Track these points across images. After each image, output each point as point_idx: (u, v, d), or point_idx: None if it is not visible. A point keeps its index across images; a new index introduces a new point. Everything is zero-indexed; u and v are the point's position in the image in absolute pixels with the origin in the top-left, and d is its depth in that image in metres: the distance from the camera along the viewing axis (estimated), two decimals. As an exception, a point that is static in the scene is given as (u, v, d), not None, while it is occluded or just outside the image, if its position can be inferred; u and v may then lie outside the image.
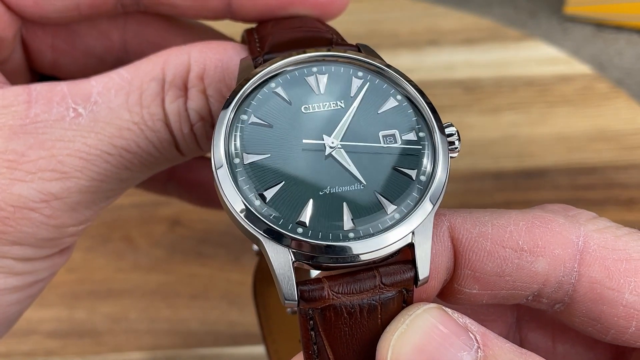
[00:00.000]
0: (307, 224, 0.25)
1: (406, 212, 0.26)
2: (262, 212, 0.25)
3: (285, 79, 0.28)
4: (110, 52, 0.38)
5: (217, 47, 0.32)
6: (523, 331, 0.33)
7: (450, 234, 0.27)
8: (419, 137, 0.27)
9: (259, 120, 0.27)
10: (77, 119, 0.30)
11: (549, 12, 0.79)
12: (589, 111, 0.64)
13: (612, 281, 0.26)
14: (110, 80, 0.31)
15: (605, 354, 0.31)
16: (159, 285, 0.54)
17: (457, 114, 0.64)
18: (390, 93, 0.28)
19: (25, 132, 0.30)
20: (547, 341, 0.32)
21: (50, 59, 0.38)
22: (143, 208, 0.58)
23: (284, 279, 0.24)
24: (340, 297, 0.24)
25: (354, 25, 0.71)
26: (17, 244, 0.31)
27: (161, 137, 0.31)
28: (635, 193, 0.59)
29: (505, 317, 0.33)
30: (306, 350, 0.25)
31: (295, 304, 0.24)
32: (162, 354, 0.51)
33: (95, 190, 0.31)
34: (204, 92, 0.31)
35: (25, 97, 0.30)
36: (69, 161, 0.30)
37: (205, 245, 0.57)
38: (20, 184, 0.30)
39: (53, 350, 0.52)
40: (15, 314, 0.33)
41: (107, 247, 0.57)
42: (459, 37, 0.71)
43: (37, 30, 0.37)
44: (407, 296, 0.25)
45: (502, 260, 0.26)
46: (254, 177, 0.26)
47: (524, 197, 0.59)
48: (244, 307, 0.53)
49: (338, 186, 0.26)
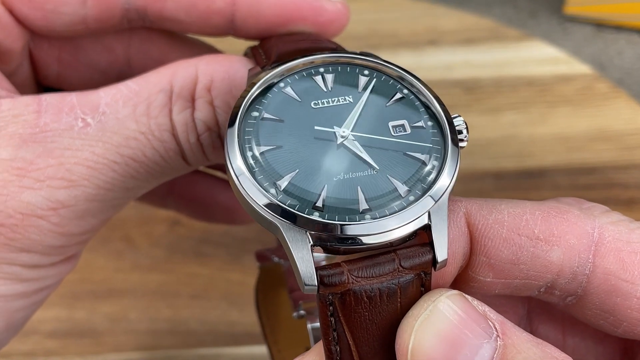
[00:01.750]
0: (322, 207, 0.25)
1: (420, 194, 0.26)
2: (279, 199, 0.25)
3: (293, 79, 0.29)
4: (114, 66, 0.39)
5: (224, 60, 0.33)
6: (534, 324, 0.33)
7: (467, 220, 0.27)
8: (428, 124, 0.28)
9: (270, 116, 0.28)
10: (85, 128, 0.31)
11: (549, 12, 0.79)
12: (589, 111, 0.64)
13: (627, 273, 0.26)
14: (119, 91, 0.32)
15: (614, 348, 0.32)
16: (159, 285, 0.54)
17: (457, 114, 0.64)
18: (397, 88, 0.29)
19: (35, 141, 0.30)
20: (557, 334, 0.32)
21: (56, 72, 0.39)
22: (143, 208, 0.58)
23: (303, 262, 0.24)
24: (360, 281, 0.24)
25: (354, 25, 0.71)
26: (24, 251, 0.31)
27: (168, 147, 0.32)
28: (635, 193, 0.59)
29: (517, 309, 0.33)
30: (325, 337, 0.25)
31: (315, 289, 0.24)
32: (162, 354, 0.51)
33: (102, 198, 0.32)
34: (212, 103, 0.32)
35: (35, 107, 0.31)
36: (77, 169, 0.30)
37: (205, 245, 0.57)
38: (28, 192, 0.30)
39: (53, 350, 0.52)
40: (21, 320, 0.34)
41: (107, 247, 0.57)
42: (459, 37, 0.71)
43: (44, 43, 0.38)
44: (426, 279, 0.25)
45: (517, 248, 0.26)
46: (269, 167, 0.26)
47: (524, 197, 0.58)
48: (244, 307, 0.53)
49: (352, 172, 0.26)
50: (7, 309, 0.32)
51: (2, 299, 0.32)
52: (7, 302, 0.32)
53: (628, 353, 0.31)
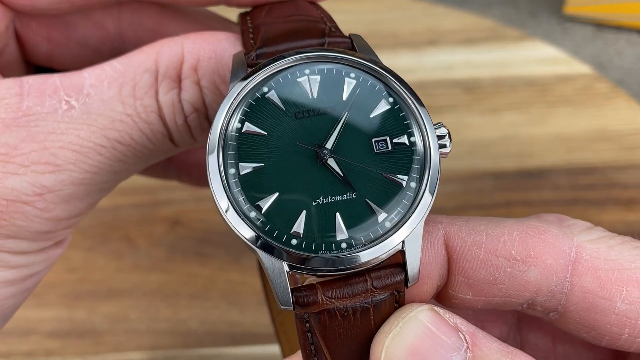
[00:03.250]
0: (301, 234, 0.26)
1: (397, 221, 0.26)
2: (257, 225, 0.26)
3: (277, 82, 0.28)
4: (106, 42, 0.38)
5: (211, 38, 0.32)
6: (524, 332, 0.33)
7: (445, 242, 0.27)
8: (410, 141, 0.27)
9: (251, 129, 0.27)
10: (69, 111, 0.30)
11: (549, 12, 0.79)
12: (589, 111, 0.64)
13: (604, 290, 0.27)
14: (103, 72, 0.31)
15: (604, 354, 0.32)
16: (159, 285, 0.55)
17: (457, 114, 0.64)
18: (382, 95, 0.28)
19: (18, 125, 0.30)
20: (547, 342, 0.33)
21: (46, 51, 0.38)
22: (143, 208, 0.58)
23: (279, 287, 0.25)
24: (333, 302, 0.25)
25: (354, 25, 0.71)
26: (11, 237, 0.30)
27: (154, 129, 0.31)
28: (635, 193, 0.59)
29: (506, 317, 0.33)
30: (304, 350, 0.26)
31: (291, 309, 0.25)
32: (162, 354, 0.51)
33: (89, 182, 0.31)
34: (198, 83, 0.31)
35: (17, 90, 0.30)
36: (62, 154, 0.30)
37: (205, 245, 0.57)
38: (13, 177, 0.29)
39: (53, 350, 0.52)
40: (11, 308, 0.33)
41: (107, 247, 0.57)
42: (459, 37, 0.71)
43: (32, 22, 0.36)
44: (399, 297, 0.26)
45: (494, 269, 0.27)
46: (249, 188, 0.26)
47: (524, 197, 0.59)
48: (244, 307, 0.53)
49: (331, 196, 0.26)
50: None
51: None
52: None
53: (618, 358, 0.31)
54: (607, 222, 0.57)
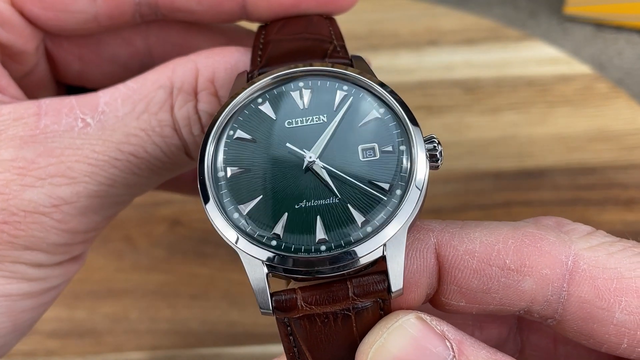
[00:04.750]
0: (280, 236, 0.26)
1: (378, 226, 0.26)
2: (238, 225, 0.26)
3: (271, 94, 0.29)
4: (135, 58, 0.39)
5: (223, 52, 0.33)
6: (524, 333, 0.33)
7: (437, 250, 0.27)
8: (398, 150, 0.28)
9: (243, 135, 0.28)
10: (85, 128, 0.31)
11: (549, 12, 0.79)
12: (589, 111, 0.64)
13: (602, 301, 0.26)
14: (117, 90, 0.32)
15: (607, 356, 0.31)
16: (159, 285, 0.55)
17: (457, 114, 0.64)
18: (373, 106, 0.29)
19: (35, 142, 0.31)
20: (548, 343, 0.32)
21: (77, 69, 0.39)
22: (143, 208, 0.58)
23: (259, 290, 0.25)
24: (312, 308, 0.25)
25: (354, 25, 0.71)
26: (29, 249, 0.31)
27: (169, 142, 0.32)
28: (635, 193, 0.59)
29: (506, 319, 0.33)
30: (287, 353, 0.27)
31: (270, 314, 0.26)
32: (162, 354, 0.51)
33: (104, 195, 0.32)
34: (216, 94, 0.32)
35: (35, 110, 0.31)
36: (78, 167, 0.31)
37: (205, 245, 0.57)
38: (30, 190, 0.30)
39: (53, 350, 0.52)
40: (27, 322, 0.34)
41: (107, 247, 0.57)
42: (459, 37, 0.71)
43: (63, 41, 0.38)
44: (384, 305, 0.26)
45: (487, 279, 0.26)
46: (234, 190, 0.27)
47: (524, 197, 0.59)
48: (244, 307, 0.53)
49: (314, 200, 0.27)
50: (14, 309, 0.32)
51: (8, 299, 0.32)
52: (13, 301, 0.32)
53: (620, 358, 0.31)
54: (607, 222, 0.57)
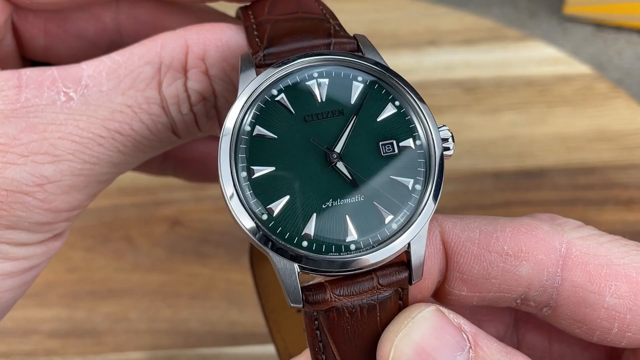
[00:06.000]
0: (311, 237, 0.26)
1: (403, 223, 0.27)
2: (269, 227, 0.26)
3: (287, 85, 0.28)
4: (103, 35, 0.38)
5: (214, 28, 0.32)
6: (520, 331, 0.34)
7: (441, 238, 0.28)
8: (416, 144, 0.28)
9: (263, 132, 0.28)
10: (68, 102, 0.30)
11: (549, 12, 0.79)
12: (589, 111, 0.64)
13: (594, 285, 0.27)
14: (102, 63, 0.31)
15: (600, 353, 0.32)
16: (159, 285, 0.55)
17: (457, 114, 0.64)
18: (389, 99, 0.29)
19: (17, 117, 0.29)
20: (543, 341, 0.33)
21: (43, 44, 0.38)
22: (143, 208, 0.58)
23: (290, 287, 0.26)
24: (341, 299, 0.26)
25: (354, 25, 0.71)
26: (11, 228, 0.30)
27: (156, 120, 0.31)
28: (635, 193, 0.59)
29: (503, 317, 0.34)
30: (312, 347, 0.27)
31: (300, 307, 0.26)
32: (162, 354, 0.51)
33: (88, 173, 0.31)
34: (206, 72, 0.31)
35: (15, 82, 0.30)
36: (61, 144, 0.30)
37: (205, 245, 0.57)
38: (13, 167, 0.29)
39: (53, 350, 0.52)
40: (10, 301, 0.33)
41: (107, 247, 0.57)
42: (458, 37, 0.71)
43: (29, 15, 0.36)
44: (403, 294, 0.27)
45: (488, 264, 0.28)
46: (260, 191, 0.27)
47: (524, 197, 0.59)
48: (244, 307, 0.53)
49: (340, 198, 0.27)
50: None
51: None
52: None
53: (613, 358, 0.32)
54: (606, 222, 0.57)
